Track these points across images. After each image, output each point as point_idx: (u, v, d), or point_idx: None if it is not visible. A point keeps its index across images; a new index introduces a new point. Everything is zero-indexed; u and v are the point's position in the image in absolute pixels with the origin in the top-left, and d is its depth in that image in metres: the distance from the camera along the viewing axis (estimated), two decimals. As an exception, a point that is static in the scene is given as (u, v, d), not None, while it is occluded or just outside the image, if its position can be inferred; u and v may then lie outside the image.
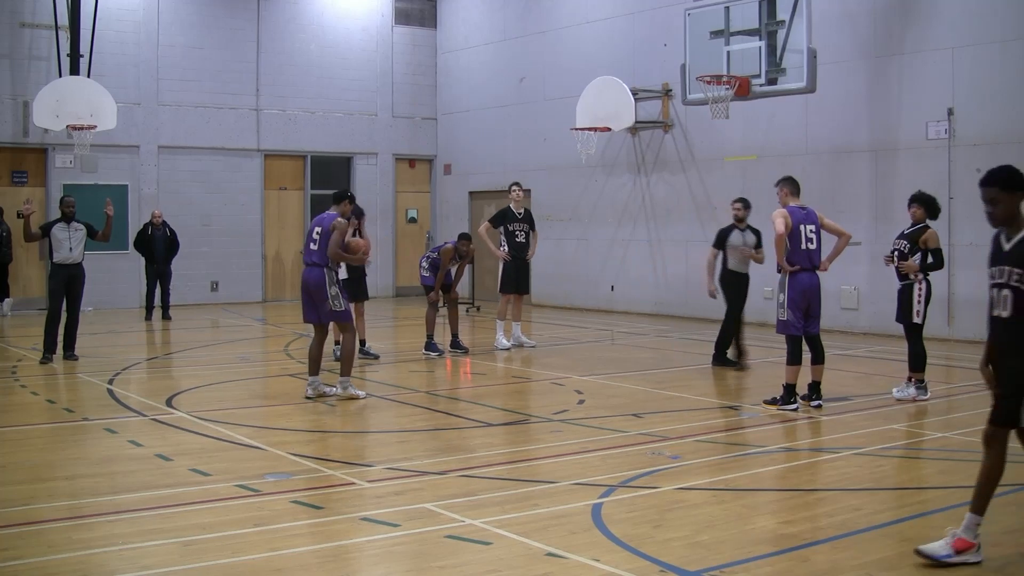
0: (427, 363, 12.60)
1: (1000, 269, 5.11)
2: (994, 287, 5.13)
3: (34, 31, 19.27)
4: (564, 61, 20.23)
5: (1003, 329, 5.11)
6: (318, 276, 9.81)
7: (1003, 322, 5.10)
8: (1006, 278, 5.07)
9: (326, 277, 9.78)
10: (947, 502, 6.32)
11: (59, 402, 10.08)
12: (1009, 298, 5.06)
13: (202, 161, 21.05)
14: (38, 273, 19.46)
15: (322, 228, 9.91)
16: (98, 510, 6.10)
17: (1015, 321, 5.05)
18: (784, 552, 5.33)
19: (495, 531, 5.62)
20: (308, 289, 9.88)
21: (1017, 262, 5.04)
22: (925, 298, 9.78)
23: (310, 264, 9.92)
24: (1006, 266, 5.08)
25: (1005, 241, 5.16)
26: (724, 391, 10.42)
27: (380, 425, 9.09)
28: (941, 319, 13.96)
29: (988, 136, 14.00)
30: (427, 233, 23.67)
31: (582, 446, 7.86)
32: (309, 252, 9.94)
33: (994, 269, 5.14)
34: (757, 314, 16.63)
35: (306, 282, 9.90)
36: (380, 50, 23.07)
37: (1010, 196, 5.10)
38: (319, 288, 9.78)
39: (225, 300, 21.12)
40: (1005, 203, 5.10)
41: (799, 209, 9.40)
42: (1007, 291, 5.06)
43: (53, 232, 12.61)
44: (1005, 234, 5.17)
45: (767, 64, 14.05)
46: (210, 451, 7.72)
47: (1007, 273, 5.07)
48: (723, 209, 17.41)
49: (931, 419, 9.18)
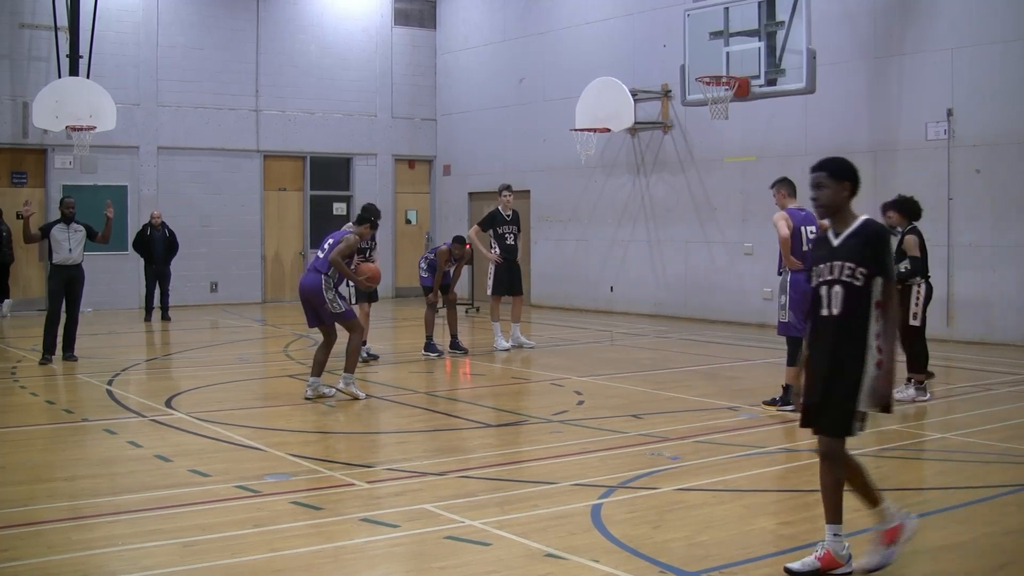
0: (426, 364, 12.59)
1: (829, 265, 4.95)
2: (823, 285, 4.97)
3: (34, 32, 19.27)
4: (563, 62, 20.23)
5: (835, 328, 4.92)
6: (313, 280, 9.85)
7: (834, 320, 4.93)
8: (837, 274, 4.92)
9: (323, 282, 9.81)
10: (947, 503, 6.32)
11: (58, 403, 10.08)
12: (840, 294, 4.90)
13: (201, 162, 21.05)
14: (38, 274, 19.45)
15: (333, 241, 10.04)
16: (98, 511, 6.10)
17: (846, 319, 4.89)
18: (784, 553, 5.32)
19: (495, 532, 5.62)
20: (305, 295, 9.94)
21: (847, 256, 4.91)
22: (923, 300, 9.80)
23: (310, 270, 10.00)
24: (836, 261, 4.93)
25: (833, 237, 5.03)
26: (724, 392, 10.42)
27: (380, 426, 9.09)
28: (940, 320, 13.95)
29: (988, 137, 14.00)
30: (426, 234, 23.66)
31: (582, 447, 7.86)
32: (315, 260, 10.04)
33: (822, 267, 4.98)
34: (757, 315, 16.66)
35: (302, 287, 9.96)
36: (379, 51, 23.07)
37: (837, 184, 5.00)
38: (315, 292, 9.80)
39: (224, 301, 21.12)
40: (831, 189, 5.00)
41: (798, 211, 9.40)
42: (838, 287, 4.91)
43: (53, 233, 12.61)
44: (833, 231, 5.05)
45: (766, 65, 14.05)
46: (210, 452, 7.72)
47: (838, 268, 4.92)
48: (722, 210, 17.47)
49: (930, 420, 9.18)
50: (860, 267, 4.88)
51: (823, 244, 5.08)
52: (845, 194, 5.03)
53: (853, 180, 5.06)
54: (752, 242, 16.80)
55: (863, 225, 5.01)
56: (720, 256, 17.40)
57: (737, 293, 17.03)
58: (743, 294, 16.93)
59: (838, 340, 4.91)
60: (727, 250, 17.33)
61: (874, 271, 4.88)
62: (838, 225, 5.04)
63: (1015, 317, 13.64)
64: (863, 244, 4.93)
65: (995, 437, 8.23)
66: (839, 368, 4.90)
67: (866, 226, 5.00)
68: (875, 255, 4.90)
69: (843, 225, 5.03)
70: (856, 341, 4.87)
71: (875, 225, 5.03)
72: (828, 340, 4.96)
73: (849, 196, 5.05)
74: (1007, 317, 13.79)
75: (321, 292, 9.78)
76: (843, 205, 5.04)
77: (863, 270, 4.88)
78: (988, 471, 7.23)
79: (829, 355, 4.95)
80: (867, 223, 5.03)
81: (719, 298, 17.34)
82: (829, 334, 4.95)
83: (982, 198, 14.02)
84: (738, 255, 17.15)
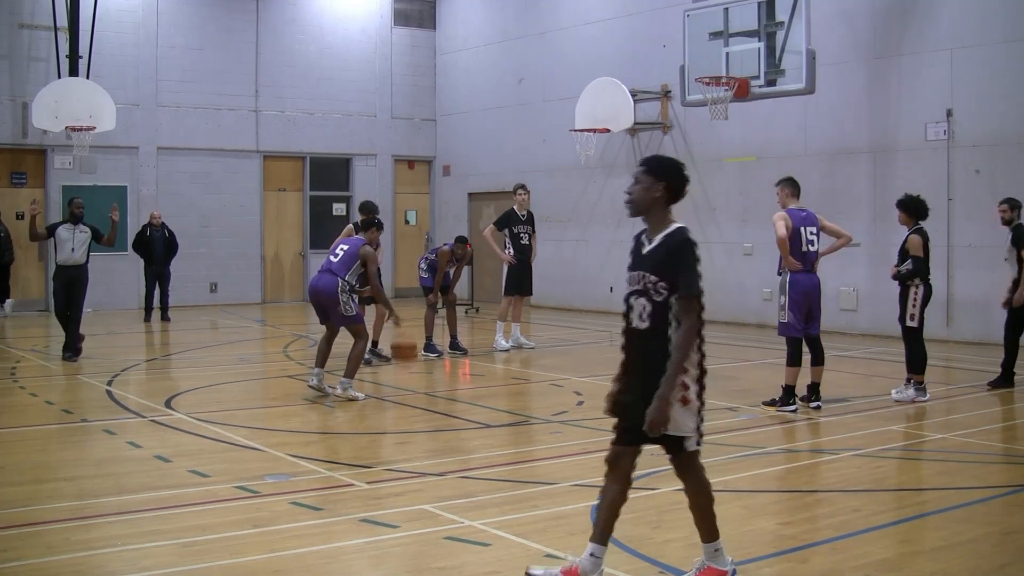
0: (426, 364, 12.59)
1: (639, 275, 4.59)
2: (631, 295, 4.62)
3: (33, 32, 19.27)
4: (563, 62, 20.23)
5: (639, 341, 4.59)
6: (330, 283, 9.93)
7: (639, 333, 4.58)
8: (641, 285, 4.57)
9: (339, 285, 9.89)
10: (946, 503, 6.32)
11: (58, 403, 10.07)
12: (648, 308, 4.53)
13: (201, 162, 21.04)
14: (38, 274, 19.46)
15: (348, 248, 10.13)
16: (97, 511, 6.10)
17: (651, 334, 4.52)
18: (783, 553, 5.33)
19: (494, 532, 5.62)
20: (318, 296, 10.01)
21: (651, 267, 4.55)
22: (921, 301, 9.80)
23: (324, 272, 10.06)
24: (643, 271, 4.58)
25: (646, 243, 4.66)
26: (723, 392, 10.41)
27: (379, 426, 9.09)
28: (940, 320, 13.96)
29: (987, 137, 14.01)
30: (426, 234, 23.66)
31: (581, 447, 7.86)
32: (328, 262, 10.10)
33: (633, 274, 4.62)
34: (756, 316, 16.66)
35: (316, 288, 10.02)
36: (379, 51, 23.06)
37: (652, 182, 4.60)
38: (331, 294, 9.90)
39: (224, 301, 21.11)
40: (643, 186, 4.61)
41: (799, 211, 9.40)
42: (644, 299, 4.54)
43: (58, 232, 12.66)
44: (647, 235, 4.67)
45: (766, 65, 14.06)
46: (209, 452, 7.71)
47: (643, 280, 4.56)
48: (722, 210, 17.47)
49: (930, 420, 9.18)
50: (661, 281, 4.52)
51: (636, 249, 4.71)
52: (658, 195, 4.61)
53: (672, 182, 4.64)
54: (752, 242, 16.81)
55: (670, 234, 4.60)
56: (720, 256, 17.40)
57: (737, 293, 17.04)
58: (743, 294, 16.93)
59: (644, 354, 4.58)
60: (727, 250, 17.33)
61: (673, 287, 4.50)
62: (651, 230, 4.66)
63: (1015, 317, 13.62)
64: (665, 255, 4.55)
65: (995, 438, 8.24)
66: (640, 382, 4.56)
67: (672, 236, 4.59)
68: (673, 269, 4.50)
69: (656, 231, 4.64)
70: (659, 359, 4.49)
71: (681, 235, 4.58)
72: (636, 353, 4.63)
73: (664, 198, 4.62)
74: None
75: (336, 294, 9.88)
76: (654, 206, 4.63)
77: (664, 284, 4.51)
78: (988, 471, 7.23)
79: (635, 368, 4.63)
80: (674, 232, 4.60)
81: (719, 298, 17.31)
82: (637, 347, 4.63)
83: (982, 198, 14.01)
84: (738, 255, 17.15)
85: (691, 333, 4.48)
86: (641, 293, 4.58)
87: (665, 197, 4.64)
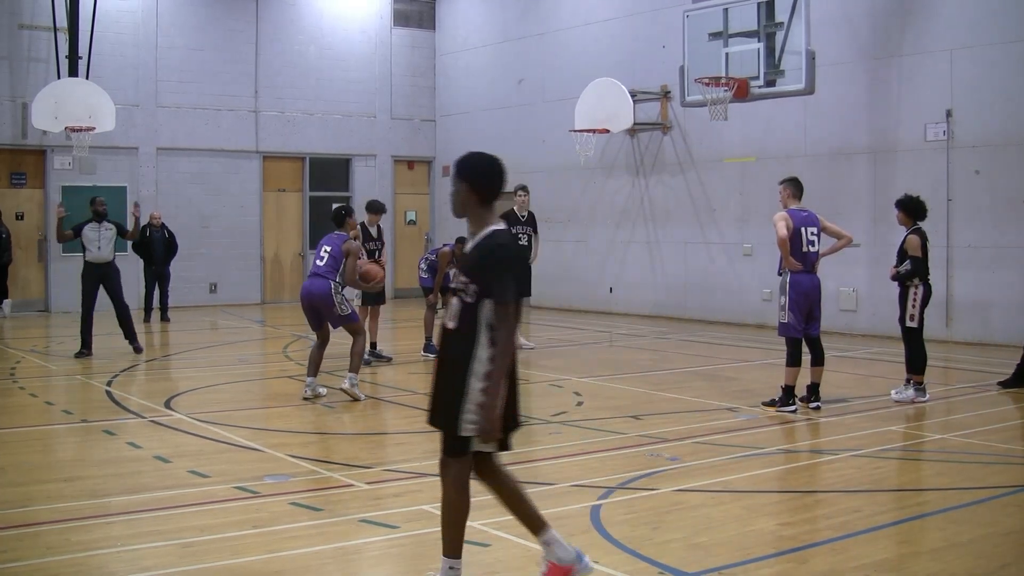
0: (426, 365, 12.58)
1: (456, 274, 4.55)
2: (451, 292, 4.51)
3: (33, 33, 19.26)
4: (563, 63, 20.24)
5: (447, 340, 4.48)
6: (323, 286, 9.92)
7: (449, 333, 4.46)
8: (457, 284, 4.47)
9: (332, 287, 9.89)
10: (946, 503, 6.32)
11: (57, 404, 10.07)
12: (457, 308, 4.43)
13: (201, 163, 21.04)
14: (37, 275, 19.46)
15: (331, 248, 10.13)
16: (97, 512, 6.10)
17: (459, 334, 4.40)
18: (783, 554, 5.33)
19: (494, 533, 5.61)
20: (312, 301, 9.99)
21: (466, 268, 4.45)
22: (920, 302, 9.81)
23: (315, 275, 10.04)
24: (461, 271, 4.49)
25: (470, 242, 4.58)
26: (723, 393, 10.42)
27: (379, 427, 9.09)
28: (939, 321, 13.96)
29: (987, 138, 14.01)
30: (426, 235, 23.66)
31: (581, 448, 7.86)
32: (316, 266, 10.12)
33: (454, 272, 4.56)
34: (756, 316, 16.66)
35: (309, 293, 10.00)
36: (379, 52, 23.06)
37: (458, 182, 4.50)
38: (325, 297, 9.88)
39: (224, 302, 21.11)
40: (455, 188, 4.53)
41: (800, 211, 9.40)
42: (456, 300, 4.44)
43: (84, 232, 13.09)
44: (471, 235, 4.59)
45: (766, 66, 14.06)
46: (209, 453, 7.71)
47: (458, 280, 4.47)
48: (722, 211, 17.47)
49: (929, 421, 9.18)
50: (472, 283, 4.40)
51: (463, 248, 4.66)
52: (463, 196, 4.50)
53: (473, 183, 4.49)
54: (751, 243, 16.81)
55: (485, 237, 4.48)
56: (719, 257, 17.40)
57: (736, 294, 17.04)
58: (742, 295, 16.93)
59: (450, 355, 4.46)
60: (726, 251, 17.33)
61: (483, 291, 4.37)
62: (472, 231, 4.56)
63: (1014, 318, 13.63)
64: (477, 257, 4.44)
65: (994, 438, 8.23)
66: (446, 386, 4.44)
67: (486, 239, 4.48)
68: (482, 273, 4.38)
69: (475, 232, 4.54)
70: (460, 362, 4.37)
71: (497, 239, 4.45)
72: (444, 353, 4.52)
73: (473, 198, 4.50)
74: (1006, 318, 13.78)
75: (331, 296, 9.88)
76: (467, 207, 4.51)
77: (474, 287, 4.38)
78: (988, 472, 7.23)
79: (440, 368, 4.52)
80: (489, 236, 4.48)
81: (718, 299, 17.35)
82: (445, 347, 4.51)
83: (981, 199, 14.02)
84: (737, 256, 17.15)
85: (510, 340, 4.34)
86: (456, 291, 4.48)
87: (474, 198, 4.50)
